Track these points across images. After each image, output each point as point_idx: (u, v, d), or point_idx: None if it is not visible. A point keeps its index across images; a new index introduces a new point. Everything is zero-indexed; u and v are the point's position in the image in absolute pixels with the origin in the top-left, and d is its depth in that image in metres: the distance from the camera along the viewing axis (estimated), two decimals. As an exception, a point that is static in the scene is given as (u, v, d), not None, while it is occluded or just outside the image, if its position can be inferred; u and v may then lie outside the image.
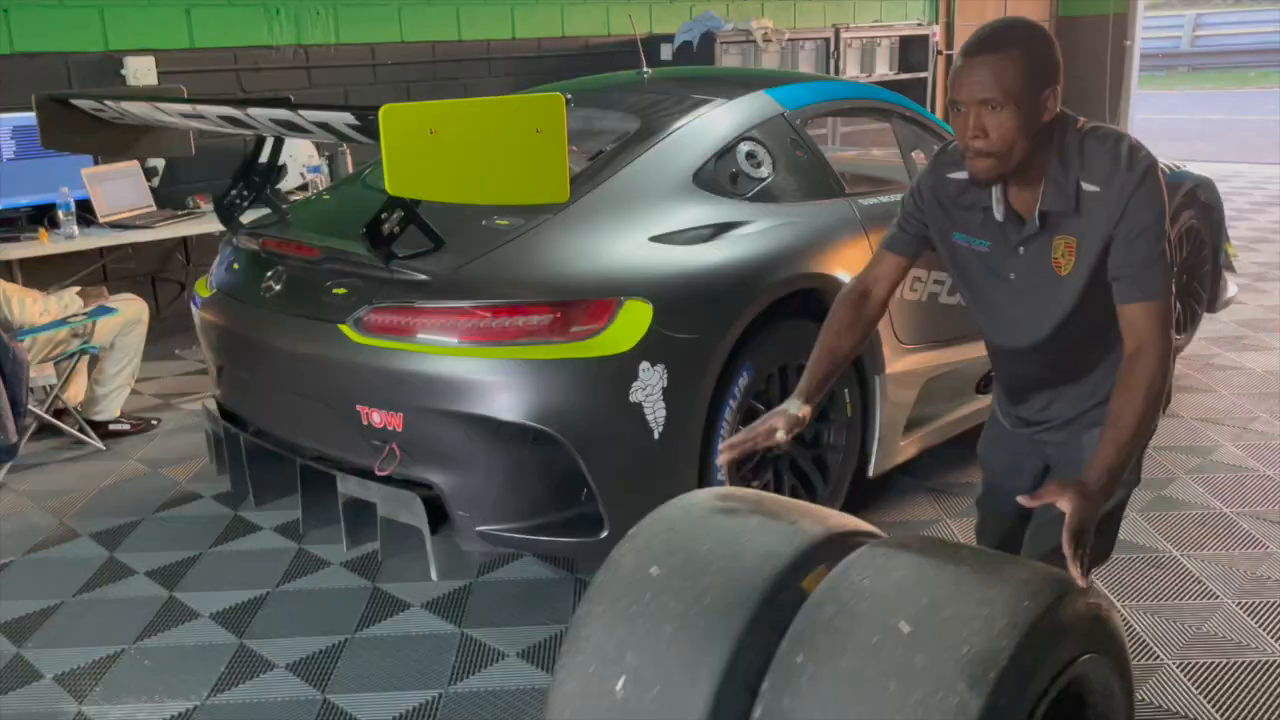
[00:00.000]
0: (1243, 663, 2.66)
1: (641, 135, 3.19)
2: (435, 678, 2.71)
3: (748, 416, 2.99)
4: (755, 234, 3.01)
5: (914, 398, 3.46)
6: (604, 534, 2.74)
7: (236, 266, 3.26)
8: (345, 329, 2.76)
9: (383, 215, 2.64)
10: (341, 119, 2.37)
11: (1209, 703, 2.51)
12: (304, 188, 5.70)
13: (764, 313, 2.93)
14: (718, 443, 2.88)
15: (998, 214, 1.97)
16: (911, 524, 3.45)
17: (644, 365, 2.66)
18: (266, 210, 3.49)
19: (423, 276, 2.72)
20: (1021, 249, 1.96)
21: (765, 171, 3.23)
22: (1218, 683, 2.59)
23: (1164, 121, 14.38)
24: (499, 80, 6.93)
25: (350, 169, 5.86)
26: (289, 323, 2.93)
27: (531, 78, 6.71)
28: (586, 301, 2.68)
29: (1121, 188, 1.84)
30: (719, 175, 3.14)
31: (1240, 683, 2.58)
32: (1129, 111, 10.81)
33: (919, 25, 9.18)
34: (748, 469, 3.04)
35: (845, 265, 3.17)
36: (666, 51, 7.50)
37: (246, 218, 3.48)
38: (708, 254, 2.89)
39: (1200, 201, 4.64)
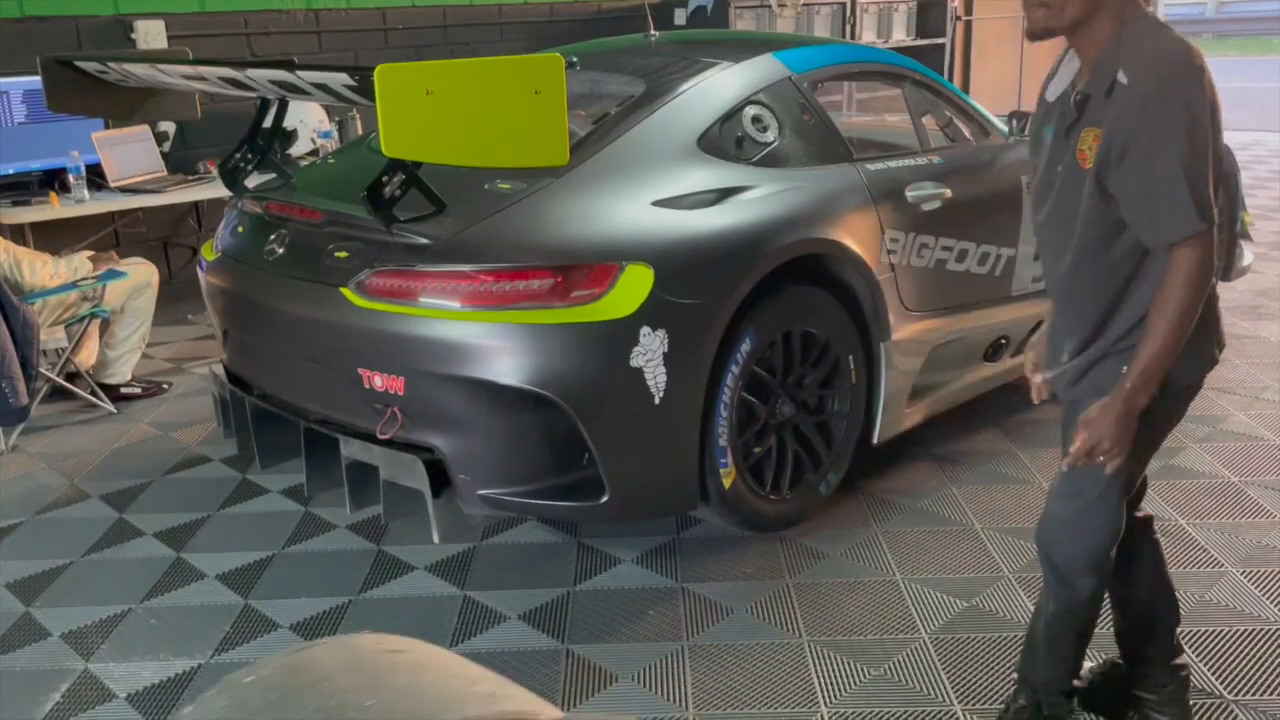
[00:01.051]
0: (1245, 630, 2.65)
1: (646, 99, 3.16)
2: (437, 639, 2.72)
3: (750, 383, 2.98)
4: (760, 199, 2.98)
5: (919, 365, 3.45)
6: (604, 498, 2.75)
7: (241, 230, 3.27)
8: (347, 292, 2.76)
9: (384, 178, 2.63)
10: (339, 80, 2.35)
11: (1211, 671, 2.50)
12: (315, 153, 5.70)
13: (768, 278, 2.91)
14: (719, 409, 2.88)
15: (1051, 93, 1.98)
16: (915, 491, 3.44)
17: (645, 330, 2.66)
18: (272, 174, 3.49)
19: (424, 240, 2.71)
20: (1069, 135, 1.94)
21: (771, 136, 3.20)
22: (1220, 651, 2.58)
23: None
24: (511, 45, 6.89)
25: (360, 134, 5.84)
26: (292, 286, 2.93)
27: (544, 42, 6.66)
28: (588, 266, 2.67)
29: (1147, 89, 1.76)
30: (724, 139, 3.11)
31: (1242, 651, 2.57)
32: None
33: (937, -10, 9.03)
34: (750, 434, 3.03)
35: (851, 231, 3.14)
36: (681, 16, 7.43)
37: (253, 182, 3.48)
38: (711, 219, 2.87)
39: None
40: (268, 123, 3.32)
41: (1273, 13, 22.00)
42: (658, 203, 2.86)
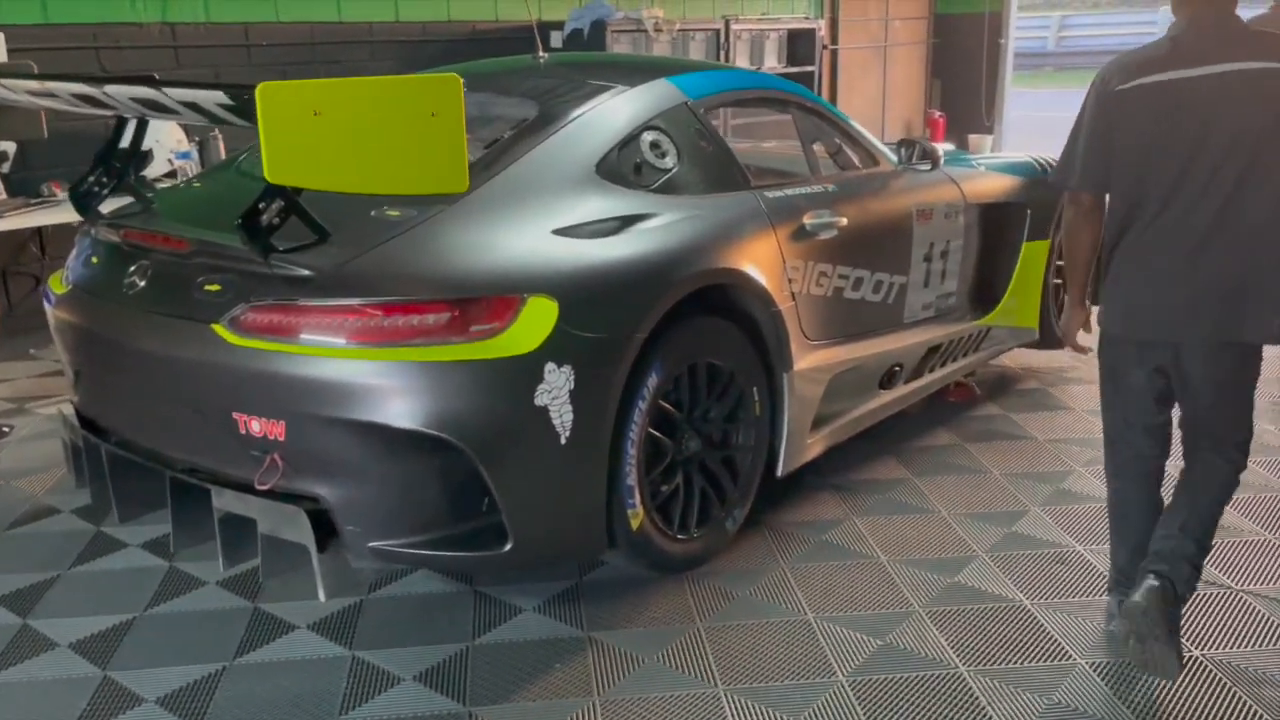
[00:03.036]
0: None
1: (541, 122, 3.02)
2: (325, 708, 2.50)
3: (656, 418, 2.86)
4: (662, 227, 2.87)
5: (820, 394, 3.39)
6: (508, 547, 2.58)
7: (95, 260, 2.98)
8: (219, 329, 2.52)
9: (260, 204, 2.41)
10: (213, 99, 2.14)
11: (1122, 702, 2.49)
12: (172, 175, 5.34)
13: (672, 309, 2.80)
14: (627, 447, 2.74)
15: None
16: (818, 523, 3.38)
17: (550, 366, 2.50)
18: (129, 199, 3.20)
19: (306, 272, 2.50)
20: None
21: (670, 162, 3.10)
22: (1131, 683, 2.57)
23: (1039, 119, 14.81)
24: (381, 65, 6.65)
25: (223, 155, 5.51)
26: (155, 322, 2.67)
27: (417, 63, 6.45)
28: (487, 298, 2.50)
29: None
30: (623, 165, 3.00)
31: (1154, 683, 2.56)
32: (1004, 108, 11.09)
33: (806, 20, 9.22)
34: (657, 473, 2.91)
35: (754, 260, 3.07)
36: (557, 39, 7.33)
37: (108, 207, 3.19)
38: (614, 248, 2.75)
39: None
40: (125, 142, 3.05)
41: (1108, 47, 23.33)
42: (558, 231, 2.71)
